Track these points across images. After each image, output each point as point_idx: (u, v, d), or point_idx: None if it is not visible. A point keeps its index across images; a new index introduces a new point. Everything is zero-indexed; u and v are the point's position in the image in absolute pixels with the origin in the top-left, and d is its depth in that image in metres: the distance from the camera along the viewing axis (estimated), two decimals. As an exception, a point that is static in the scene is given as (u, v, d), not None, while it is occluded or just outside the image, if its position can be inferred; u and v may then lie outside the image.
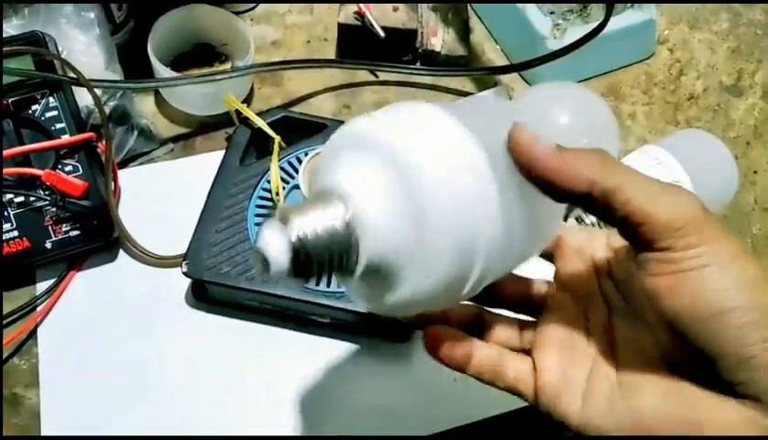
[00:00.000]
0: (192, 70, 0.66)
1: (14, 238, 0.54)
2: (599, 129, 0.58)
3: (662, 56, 0.74)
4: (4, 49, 0.55)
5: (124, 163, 0.61)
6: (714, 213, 0.59)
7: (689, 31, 0.76)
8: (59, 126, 0.56)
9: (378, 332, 0.54)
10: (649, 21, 0.70)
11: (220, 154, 0.59)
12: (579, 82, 0.67)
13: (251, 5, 0.71)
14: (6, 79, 0.55)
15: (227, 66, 0.66)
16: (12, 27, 0.58)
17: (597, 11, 0.73)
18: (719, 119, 0.70)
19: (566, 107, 0.58)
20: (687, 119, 0.70)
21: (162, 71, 0.63)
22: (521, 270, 0.35)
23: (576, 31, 0.67)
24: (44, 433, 0.50)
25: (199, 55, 0.67)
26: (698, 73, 0.73)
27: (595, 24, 0.66)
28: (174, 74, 0.63)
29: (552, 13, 0.73)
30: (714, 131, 0.61)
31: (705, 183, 0.56)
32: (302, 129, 0.59)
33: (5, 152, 0.53)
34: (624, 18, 0.69)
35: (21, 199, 0.54)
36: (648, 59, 0.74)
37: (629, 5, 0.70)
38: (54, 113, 0.56)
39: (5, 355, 0.53)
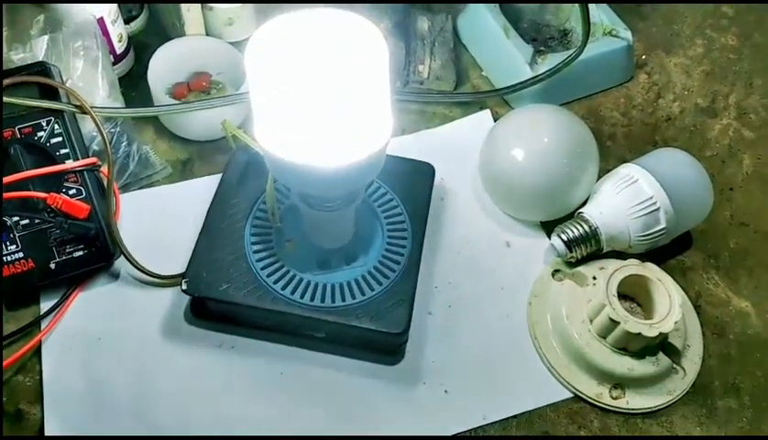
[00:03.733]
0: (189, 97, 0.68)
1: (19, 260, 0.56)
2: (580, 149, 0.61)
3: (640, 80, 0.77)
4: (13, 79, 0.57)
5: (125, 187, 0.64)
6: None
7: (666, 56, 0.80)
8: (63, 151, 0.58)
9: (372, 346, 0.56)
10: (626, 47, 0.74)
11: (217, 177, 0.62)
12: (561, 105, 0.71)
13: (246, 36, 0.74)
14: (15, 107, 0.57)
15: (224, 93, 0.68)
16: (19, 58, 0.61)
17: (577, 38, 0.77)
18: (696, 139, 0.73)
19: (548, 128, 0.61)
20: (665, 139, 0.73)
21: (161, 98, 0.66)
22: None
23: (557, 58, 0.70)
24: (48, 447, 0.51)
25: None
26: (675, 96, 0.76)
27: (574, 50, 0.69)
28: (172, 102, 0.66)
29: (534, 40, 0.77)
30: (690, 150, 0.64)
31: (682, 200, 0.59)
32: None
33: (13, 177, 0.55)
34: (602, 44, 0.73)
35: (26, 221, 0.57)
36: (627, 82, 0.77)
37: (606, 32, 0.73)
38: (59, 139, 0.58)
39: (10, 373, 0.55)
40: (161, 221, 0.62)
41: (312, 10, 0.45)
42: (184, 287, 0.54)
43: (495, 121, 0.71)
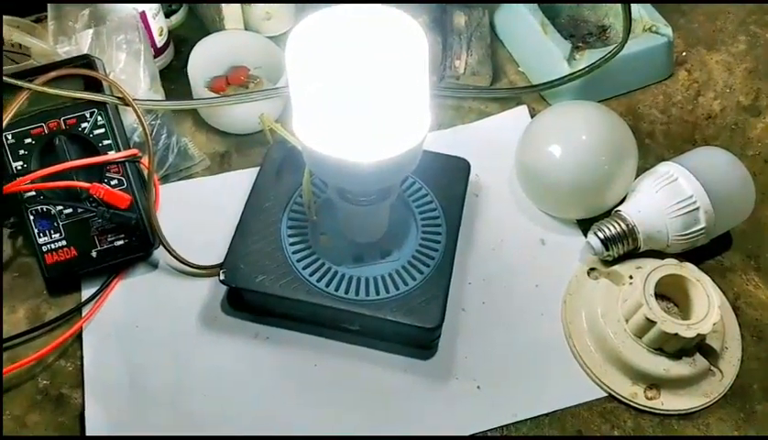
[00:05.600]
0: (227, 91, 0.69)
1: (62, 247, 0.58)
2: (618, 147, 0.61)
3: (679, 77, 0.76)
4: (58, 71, 0.59)
5: (164, 178, 0.65)
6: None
7: (707, 52, 0.78)
8: (106, 142, 0.60)
9: (405, 340, 0.57)
10: (666, 43, 0.73)
11: (255, 170, 0.62)
12: (599, 101, 0.70)
13: (284, 31, 0.75)
14: (60, 99, 0.59)
15: (261, 87, 0.69)
16: (65, 51, 0.63)
17: (616, 34, 0.76)
18: (737, 138, 0.72)
19: (586, 125, 0.61)
20: (705, 138, 0.72)
21: (200, 91, 0.67)
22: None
23: (595, 54, 0.69)
24: (88, 430, 0.53)
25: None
26: (716, 94, 0.75)
27: (613, 46, 0.69)
28: (211, 95, 0.67)
29: (572, 36, 0.76)
30: (731, 149, 0.62)
31: (722, 200, 0.58)
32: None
33: (58, 167, 0.57)
34: (642, 41, 0.72)
35: (69, 211, 0.58)
36: (666, 79, 0.76)
37: (646, 28, 0.72)
38: (102, 130, 0.60)
39: (53, 358, 0.56)
40: (199, 212, 0.64)
41: (350, 5, 0.45)
42: (222, 277, 0.55)
43: (532, 117, 0.71)
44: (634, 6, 0.72)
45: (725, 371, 0.56)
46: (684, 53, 0.78)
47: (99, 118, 0.60)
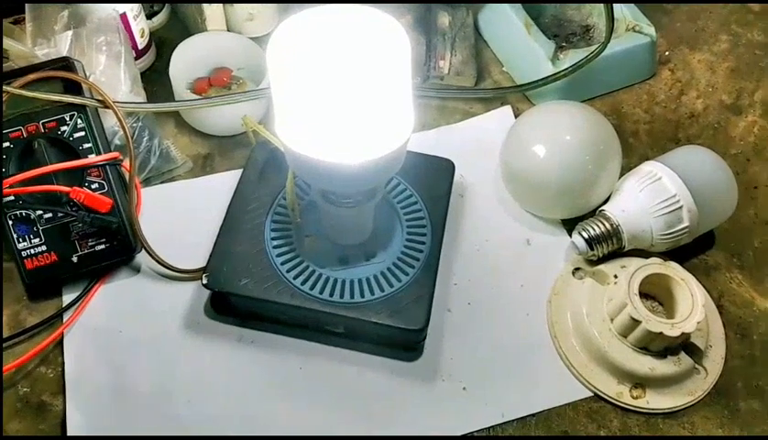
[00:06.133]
0: (210, 92, 0.69)
1: (42, 253, 0.57)
2: (602, 146, 0.61)
3: (663, 76, 0.77)
4: (37, 74, 0.58)
5: (146, 181, 0.64)
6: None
7: (689, 52, 0.79)
8: (86, 145, 0.59)
9: (391, 342, 0.56)
10: (649, 42, 0.73)
11: (238, 173, 0.62)
12: (583, 101, 0.70)
13: (267, 32, 0.74)
14: (39, 102, 0.58)
15: (244, 89, 0.69)
16: (43, 54, 0.62)
17: (599, 33, 0.76)
18: (720, 137, 0.72)
19: (570, 125, 0.61)
20: (688, 137, 0.72)
21: (183, 93, 0.66)
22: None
23: (579, 54, 0.69)
24: (69, 436, 0.52)
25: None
26: (699, 92, 0.75)
27: (597, 46, 0.69)
28: (193, 97, 0.66)
29: (555, 36, 0.76)
30: (714, 148, 0.63)
31: (705, 198, 0.58)
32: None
33: (37, 171, 0.56)
34: (625, 40, 0.72)
35: (50, 215, 0.57)
36: (649, 79, 0.76)
37: (629, 28, 0.73)
38: (82, 133, 0.59)
39: (33, 365, 0.55)
40: (182, 215, 0.63)
41: (332, 6, 0.45)
42: (205, 281, 0.54)
43: (516, 117, 0.71)
44: (617, 6, 0.72)
45: (709, 369, 0.56)
46: (667, 52, 0.78)
47: (79, 121, 0.59)
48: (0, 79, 0.57)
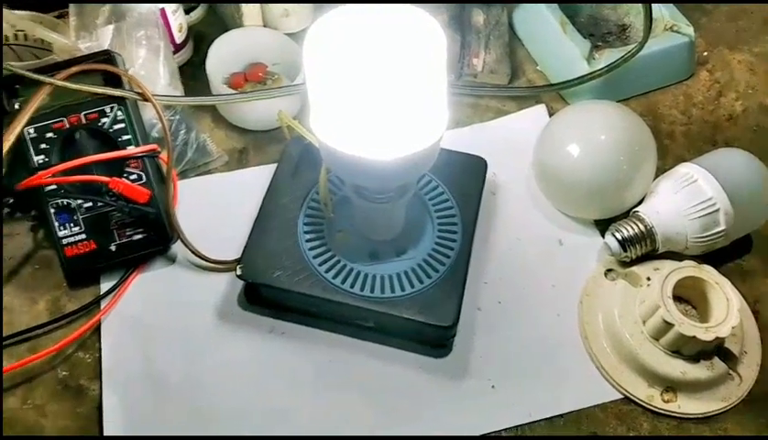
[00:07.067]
0: (246, 87, 0.70)
1: (82, 241, 0.58)
2: (637, 147, 0.60)
3: (701, 77, 0.75)
4: (79, 66, 0.59)
5: (183, 174, 0.65)
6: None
7: (729, 52, 0.77)
8: (125, 137, 0.60)
9: (420, 338, 0.57)
10: (687, 43, 0.72)
11: (272, 167, 0.63)
12: (618, 101, 0.69)
13: (302, 28, 0.75)
14: (80, 94, 0.59)
15: (280, 84, 0.69)
16: (86, 47, 0.63)
17: (636, 33, 0.75)
18: (759, 139, 0.71)
19: (605, 125, 0.60)
20: (726, 139, 0.71)
21: (219, 88, 0.67)
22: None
23: (615, 53, 0.69)
24: (105, 421, 0.53)
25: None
26: (738, 94, 0.74)
27: (634, 46, 0.68)
28: (230, 91, 0.67)
29: (591, 35, 0.76)
30: (753, 151, 0.62)
31: (743, 202, 0.57)
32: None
33: (77, 161, 0.57)
34: (663, 40, 0.71)
35: (89, 204, 0.59)
36: (687, 80, 0.75)
37: (667, 28, 0.72)
38: (121, 125, 0.60)
39: (72, 349, 0.57)
40: (217, 208, 0.64)
41: (368, 4, 0.45)
42: (239, 272, 0.55)
43: (550, 116, 0.70)
44: (655, 6, 0.71)
45: (744, 376, 0.55)
46: (705, 53, 0.77)
47: (119, 113, 0.60)
48: (0, 78, 0.59)
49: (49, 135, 0.59)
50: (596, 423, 0.54)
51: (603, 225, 0.62)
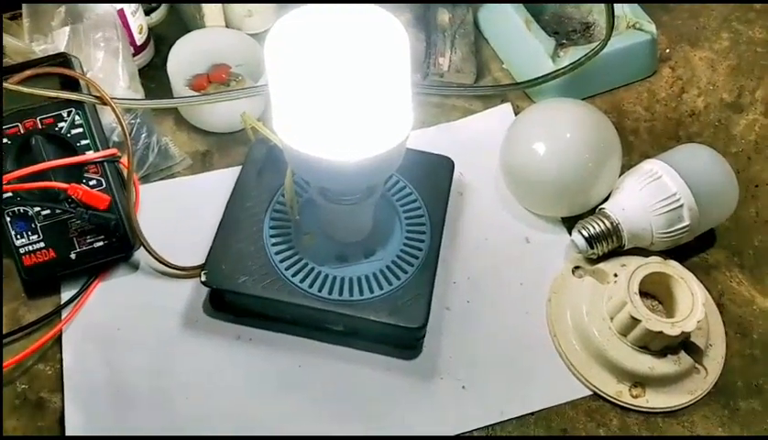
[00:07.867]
0: (208, 89, 0.69)
1: (40, 249, 0.57)
2: (602, 144, 0.60)
3: (663, 74, 0.76)
4: (34, 70, 0.58)
5: (145, 178, 0.64)
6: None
7: (690, 50, 0.78)
8: (84, 142, 0.58)
9: (390, 340, 0.56)
10: (650, 40, 0.73)
11: (237, 170, 0.62)
12: (583, 99, 0.69)
13: (266, 28, 0.74)
14: (36, 98, 0.58)
15: (243, 85, 0.68)
16: (41, 49, 0.61)
17: (600, 31, 0.76)
18: (721, 135, 0.72)
19: (570, 123, 0.61)
20: (689, 135, 0.72)
21: (181, 90, 0.66)
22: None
23: (579, 51, 0.69)
24: (68, 433, 0.52)
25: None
26: (699, 90, 0.75)
27: (597, 43, 0.68)
28: (192, 93, 0.66)
29: (556, 33, 0.76)
30: (715, 146, 0.62)
31: (706, 197, 0.58)
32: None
33: (34, 167, 0.55)
34: (626, 38, 0.72)
35: (47, 212, 0.57)
36: (650, 77, 0.76)
37: (630, 25, 0.72)
38: (79, 130, 0.59)
39: (31, 362, 0.55)
40: (181, 212, 0.63)
41: (331, 3, 0.44)
42: (203, 279, 0.54)
43: (516, 115, 0.70)
44: (618, 4, 0.72)
45: (709, 369, 0.56)
46: (667, 50, 0.78)
47: (77, 118, 0.59)
48: (0, 78, 0.57)
49: (3, 141, 0.57)
50: (566, 420, 0.54)
51: (570, 223, 0.62)
